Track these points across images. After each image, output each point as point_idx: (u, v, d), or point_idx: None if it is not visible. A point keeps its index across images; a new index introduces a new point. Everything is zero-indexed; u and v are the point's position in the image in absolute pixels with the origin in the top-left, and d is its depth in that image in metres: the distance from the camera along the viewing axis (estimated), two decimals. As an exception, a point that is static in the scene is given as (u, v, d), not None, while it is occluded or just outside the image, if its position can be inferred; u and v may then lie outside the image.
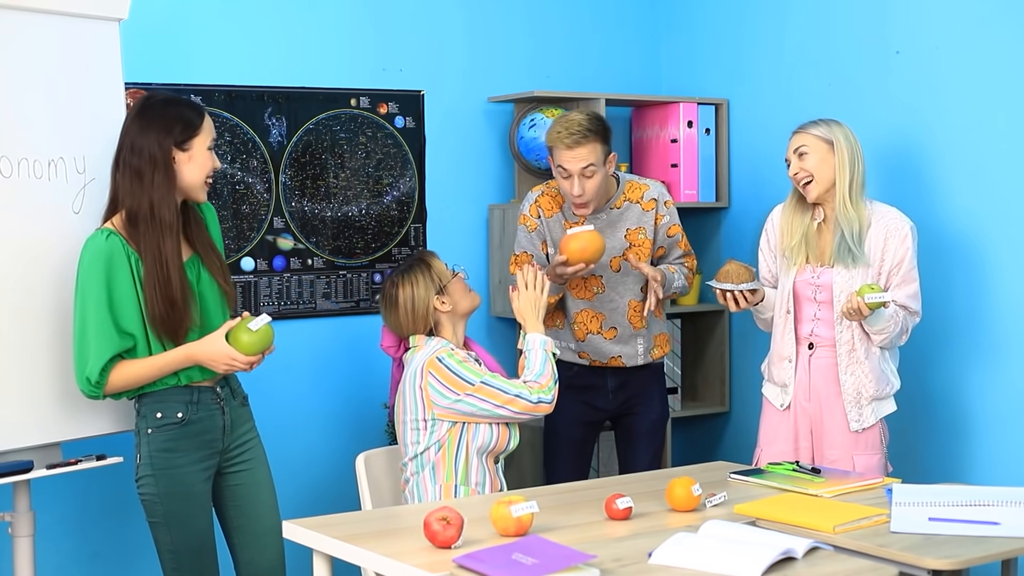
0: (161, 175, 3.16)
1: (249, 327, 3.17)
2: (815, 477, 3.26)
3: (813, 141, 3.68)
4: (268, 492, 3.40)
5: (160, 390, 3.22)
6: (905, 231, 3.63)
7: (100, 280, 3.13)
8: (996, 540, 2.70)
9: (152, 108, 3.22)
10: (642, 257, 3.96)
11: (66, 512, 3.97)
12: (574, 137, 3.76)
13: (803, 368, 3.70)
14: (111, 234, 3.16)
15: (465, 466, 3.44)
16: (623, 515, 2.88)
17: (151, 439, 3.21)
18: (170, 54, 4.08)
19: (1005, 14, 3.85)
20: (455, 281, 3.59)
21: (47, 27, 3.34)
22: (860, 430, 3.62)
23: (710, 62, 4.85)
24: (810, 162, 3.67)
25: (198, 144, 3.21)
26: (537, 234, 3.99)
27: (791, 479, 3.24)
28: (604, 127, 3.84)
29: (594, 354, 4.01)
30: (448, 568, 2.49)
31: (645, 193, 4.00)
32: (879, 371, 3.63)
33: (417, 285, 3.55)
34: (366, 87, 4.44)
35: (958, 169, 3.99)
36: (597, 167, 3.80)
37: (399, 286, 3.56)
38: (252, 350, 3.17)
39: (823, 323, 3.67)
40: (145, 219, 3.15)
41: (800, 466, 3.37)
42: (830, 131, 3.68)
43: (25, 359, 3.28)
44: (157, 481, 3.20)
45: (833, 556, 2.60)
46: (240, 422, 3.35)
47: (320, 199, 4.36)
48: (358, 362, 4.44)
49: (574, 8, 4.87)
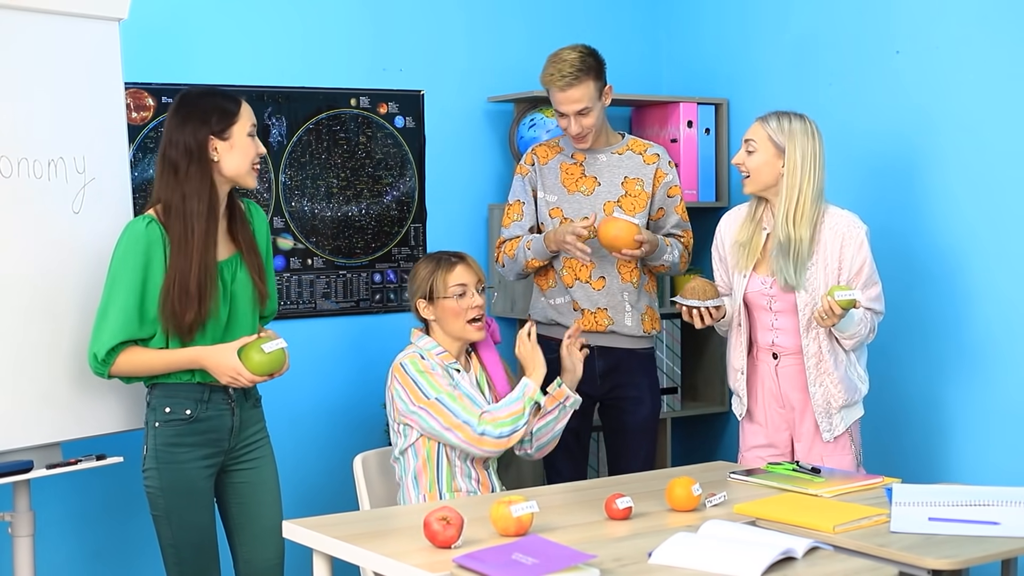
0: (196, 167, 3.19)
1: (263, 348, 3.18)
2: (815, 477, 3.26)
3: (763, 139, 3.55)
4: (272, 492, 3.40)
5: (173, 384, 3.22)
6: (861, 237, 3.53)
7: (136, 265, 3.15)
8: (996, 540, 2.70)
9: (188, 101, 3.24)
10: (636, 209, 3.95)
11: (66, 512, 3.97)
12: (566, 79, 3.81)
13: (770, 377, 3.64)
14: (152, 221, 3.18)
15: (449, 471, 3.41)
16: (623, 515, 2.88)
17: (158, 433, 3.22)
18: (170, 54, 4.08)
19: (1005, 14, 3.85)
20: (447, 301, 3.46)
21: (47, 27, 3.34)
22: (832, 439, 3.58)
23: (710, 62, 4.85)
24: (753, 160, 3.56)
25: (237, 131, 3.23)
26: (528, 180, 4.04)
27: (791, 479, 3.24)
28: (597, 62, 3.88)
29: (583, 301, 3.96)
30: (448, 568, 2.49)
31: (649, 148, 4.03)
32: (848, 379, 3.57)
33: (413, 278, 3.55)
34: (366, 87, 4.44)
35: (958, 169, 3.99)
36: (592, 105, 3.86)
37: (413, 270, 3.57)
38: (259, 370, 3.18)
39: (784, 332, 3.60)
40: (177, 209, 3.17)
41: (800, 466, 3.37)
42: (786, 136, 3.52)
43: (25, 359, 3.28)
44: (160, 475, 3.21)
45: (833, 556, 2.60)
46: (250, 423, 3.36)
47: (320, 199, 4.36)
48: (358, 362, 4.44)
49: (574, 8, 4.87)
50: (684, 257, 4.06)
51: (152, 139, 4.05)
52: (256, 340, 3.21)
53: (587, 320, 3.96)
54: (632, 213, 3.92)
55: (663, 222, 4.05)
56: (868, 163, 4.23)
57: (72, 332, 3.35)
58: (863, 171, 4.25)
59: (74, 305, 3.36)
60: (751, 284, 3.63)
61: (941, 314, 4.03)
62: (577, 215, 3.93)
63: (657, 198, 4.00)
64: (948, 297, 4.01)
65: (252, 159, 3.26)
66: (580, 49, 3.86)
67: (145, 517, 3.40)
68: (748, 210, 3.68)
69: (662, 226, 4.05)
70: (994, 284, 3.90)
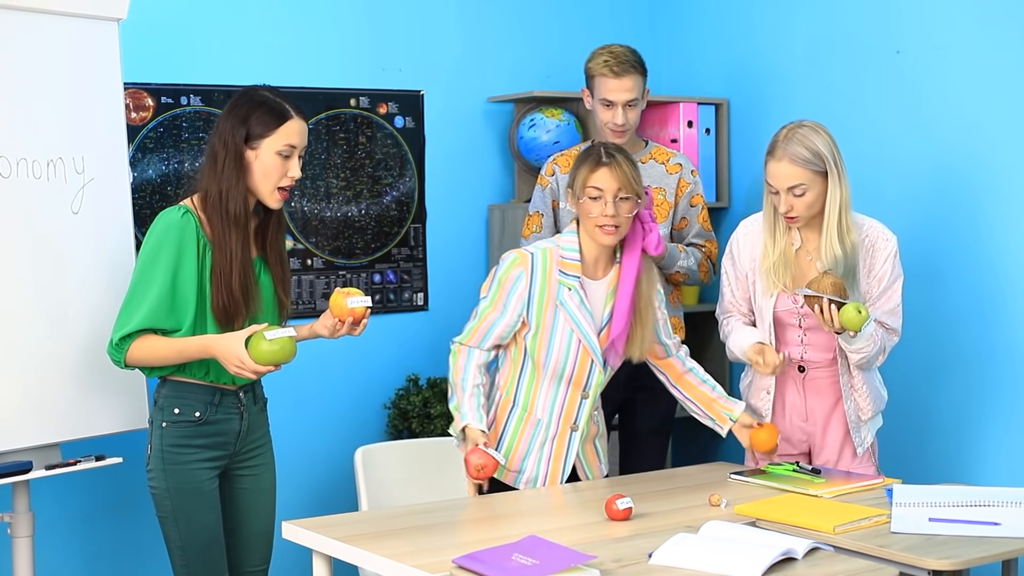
0: (231, 164, 3.10)
1: (265, 335, 3.06)
2: (815, 478, 3.25)
3: (808, 178, 3.33)
4: (268, 500, 3.36)
5: (184, 382, 3.16)
6: (891, 249, 3.42)
7: (171, 254, 3.07)
8: (996, 540, 2.70)
9: (245, 96, 3.16)
10: (658, 218, 3.95)
11: (65, 513, 3.97)
12: (623, 67, 3.86)
13: (796, 391, 3.54)
14: (187, 212, 3.10)
15: (530, 385, 3.31)
16: (623, 515, 2.88)
17: (164, 433, 3.16)
18: (169, 54, 4.08)
19: (1005, 14, 3.85)
20: (582, 201, 3.23)
21: (46, 27, 3.33)
22: (863, 453, 3.51)
23: (710, 62, 4.85)
24: (806, 200, 3.35)
25: (267, 146, 3.11)
26: (549, 191, 4.03)
27: (791, 480, 3.24)
28: (643, 61, 3.94)
29: None
30: (448, 568, 2.49)
31: (671, 158, 4.04)
32: (876, 391, 3.51)
33: (577, 159, 3.33)
34: (365, 87, 4.44)
35: (958, 169, 3.99)
36: (639, 100, 3.91)
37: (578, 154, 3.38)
38: (263, 359, 3.06)
39: (813, 347, 3.48)
40: (215, 206, 3.10)
41: (800, 467, 3.36)
42: (820, 157, 3.33)
43: (24, 359, 3.28)
44: (166, 476, 3.16)
45: (833, 556, 2.60)
46: (256, 426, 3.32)
47: (320, 199, 4.36)
48: (358, 362, 4.44)
49: (574, 8, 4.86)
50: (704, 266, 4.04)
51: (151, 139, 4.05)
52: (262, 328, 3.10)
53: None
54: (657, 221, 3.91)
55: (686, 231, 4.06)
56: (868, 163, 4.22)
57: (71, 333, 3.34)
58: (863, 171, 4.24)
59: (73, 306, 3.35)
60: (779, 303, 3.47)
61: (940, 313, 4.03)
62: None
63: (680, 208, 4.01)
64: (942, 296, 4.01)
65: (275, 180, 3.14)
66: (628, 46, 3.94)
67: (144, 518, 3.39)
68: (769, 223, 3.48)
69: (684, 236, 4.06)
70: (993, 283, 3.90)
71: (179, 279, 3.09)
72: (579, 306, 3.26)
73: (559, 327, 3.27)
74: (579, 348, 3.27)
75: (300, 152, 3.18)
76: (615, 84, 3.85)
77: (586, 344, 3.27)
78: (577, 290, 3.26)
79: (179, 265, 3.08)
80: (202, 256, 3.10)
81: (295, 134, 3.14)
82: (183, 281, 3.09)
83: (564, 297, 3.26)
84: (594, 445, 3.45)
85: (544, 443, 3.32)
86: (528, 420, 3.32)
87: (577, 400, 3.33)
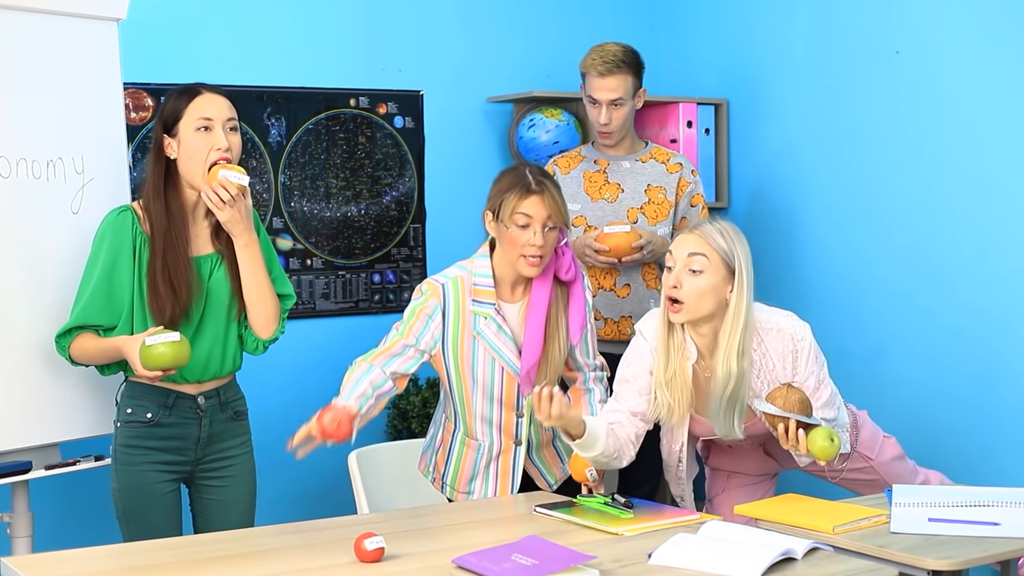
0: (154, 164, 3.14)
1: (146, 341, 2.97)
2: (624, 512, 2.90)
3: (715, 257, 2.93)
4: (240, 512, 3.27)
5: (140, 383, 3.14)
6: (809, 340, 3.04)
7: (104, 253, 3.10)
8: (996, 540, 2.70)
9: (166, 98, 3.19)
10: (659, 217, 3.96)
11: (64, 513, 3.97)
12: (607, 66, 3.86)
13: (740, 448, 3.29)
14: (125, 210, 3.14)
15: (463, 411, 3.23)
16: (373, 557, 2.53)
17: (119, 432, 3.16)
18: (169, 54, 4.08)
19: (1005, 14, 3.85)
20: (509, 229, 3.10)
21: (46, 27, 3.33)
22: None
23: (709, 62, 4.85)
24: (698, 283, 2.93)
25: (183, 127, 3.10)
26: None
27: (596, 514, 2.91)
28: (638, 60, 3.94)
29: (605, 311, 3.98)
30: (447, 569, 2.49)
31: (672, 158, 4.06)
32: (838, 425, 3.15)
33: (492, 187, 3.19)
34: (365, 87, 4.44)
35: (958, 169, 3.99)
36: (626, 100, 3.91)
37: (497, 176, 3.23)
38: (148, 364, 2.97)
39: (742, 450, 3.25)
40: (146, 204, 3.14)
41: (614, 499, 2.97)
42: (735, 251, 2.93)
43: (24, 359, 3.28)
44: (119, 476, 3.14)
45: (833, 557, 2.60)
46: (224, 436, 3.23)
47: (319, 199, 4.36)
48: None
49: (573, 8, 4.86)
50: None
51: (151, 139, 4.04)
52: (148, 333, 3.01)
53: (609, 329, 3.98)
54: (655, 222, 3.95)
55: None
56: (867, 163, 4.22)
57: (71, 332, 3.34)
58: (863, 171, 4.25)
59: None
60: (695, 427, 3.15)
61: (941, 313, 4.03)
62: (601, 223, 3.94)
63: (680, 207, 4.03)
64: (948, 296, 4.01)
65: (202, 157, 3.08)
66: (625, 45, 3.94)
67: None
68: (661, 334, 3.05)
69: None
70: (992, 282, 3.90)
71: (115, 277, 3.11)
72: (497, 333, 3.17)
73: (479, 357, 3.19)
74: (503, 374, 3.21)
75: (224, 124, 3.13)
76: (599, 83, 3.89)
77: (510, 370, 3.20)
78: (493, 318, 3.16)
79: (115, 263, 3.10)
80: (139, 253, 3.11)
81: (207, 105, 3.11)
82: (119, 278, 3.11)
83: (481, 327, 3.17)
84: (553, 447, 3.39)
85: (489, 463, 3.29)
86: (470, 444, 3.30)
87: (513, 419, 3.27)
